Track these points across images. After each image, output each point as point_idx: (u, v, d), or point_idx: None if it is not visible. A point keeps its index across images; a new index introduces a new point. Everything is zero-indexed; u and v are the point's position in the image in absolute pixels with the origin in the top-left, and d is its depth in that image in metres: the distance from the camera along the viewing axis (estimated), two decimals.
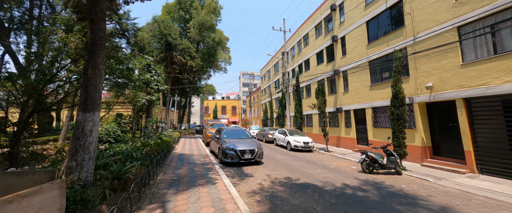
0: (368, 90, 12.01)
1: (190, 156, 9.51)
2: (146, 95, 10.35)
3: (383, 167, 7.54)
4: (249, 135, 9.94)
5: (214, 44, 25.74)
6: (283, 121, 21.13)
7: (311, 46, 18.93)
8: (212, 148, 10.72)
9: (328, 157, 11.10)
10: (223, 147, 8.02)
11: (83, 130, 4.10)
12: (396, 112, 8.34)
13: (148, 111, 11.60)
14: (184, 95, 30.85)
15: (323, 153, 12.47)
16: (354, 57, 13.27)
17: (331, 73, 15.61)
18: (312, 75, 18.43)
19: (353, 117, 13.30)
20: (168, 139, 10.07)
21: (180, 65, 19.66)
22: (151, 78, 10.95)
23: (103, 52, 4.50)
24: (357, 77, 12.91)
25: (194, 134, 26.45)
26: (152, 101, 10.63)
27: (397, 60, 8.64)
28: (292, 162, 9.15)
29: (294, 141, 12.99)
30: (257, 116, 40.89)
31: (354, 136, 13.21)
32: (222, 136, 9.19)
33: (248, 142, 8.63)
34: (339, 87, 14.78)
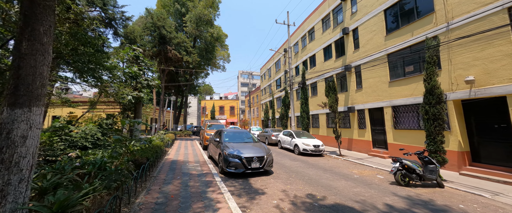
0: (387, 87, 10.66)
1: (184, 163, 7.99)
2: (133, 91, 8.80)
3: (422, 178, 6.15)
4: (253, 137, 8.48)
5: (212, 40, 24.22)
6: (286, 121, 19.73)
7: (318, 40, 17.57)
8: (210, 153, 9.24)
9: (344, 163, 9.69)
10: (225, 154, 6.55)
11: (9, 135, 2.59)
12: (432, 110, 6.98)
13: (137, 110, 10.05)
14: (180, 95, 29.24)
15: (335, 157, 11.07)
16: (369, 51, 11.92)
17: (341, 69, 14.25)
18: (318, 72, 17.06)
19: (367, 116, 11.94)
20: (158, 143, 8.55)
21: (175, 61, 18.13)
22: (140, 72, 9.41)
23: (49, 19, 3.00)
24: (372, 73, 11.56)
25: (190, 135, 24.86)
26: (140, 99, 9.08)
27: (430, 50, 7.28)
28: (306, 170, 7.71)
29: (303, 144, 11.57)
30: (257, 116, 39.45)
31: (369, 138, 11.84)
32: (223, 139, 7.72)
33: (255, 146, 7.17)
34: (350, 84, 13.42)
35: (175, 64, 18.63)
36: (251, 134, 8.75)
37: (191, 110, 64.22)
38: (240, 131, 8.77)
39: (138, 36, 15.46)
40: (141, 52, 10.22)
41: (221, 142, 7.58)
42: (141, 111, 10.50)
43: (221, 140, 7.71)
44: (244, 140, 8.04)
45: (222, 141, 7.66)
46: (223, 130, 8.61)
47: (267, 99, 32.15)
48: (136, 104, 10.34)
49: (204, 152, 11.32)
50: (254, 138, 8.42)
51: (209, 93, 70.88)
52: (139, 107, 10.35)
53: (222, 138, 7.85)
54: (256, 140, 8.23)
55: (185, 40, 18.21)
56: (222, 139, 7.79)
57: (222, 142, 7.58)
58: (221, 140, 7.74)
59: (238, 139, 8.11)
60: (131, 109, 10.26)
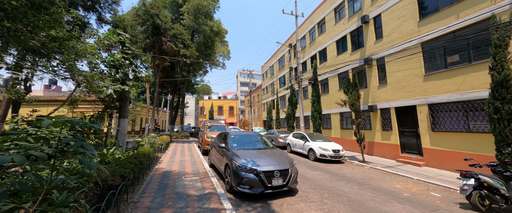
0: (421, 82, 9.01)
1: (179, 176, 6.19)
2: (116, 84, 6.99)
3: (508, 201, 4.47)
4: (268, 142, 6.72)
5: (211, 34, 22.42)
6: (293, 122, 18.02)
7: (329, 33, 15.90)
8: (213, 161, 7.48)
9: (375, 172, 7.99)
10: (236, 166, 4.80)
11: None
12: (506, 108, 5.31)
13: (122, 108, 8.24)
14: (177, 93, 27.35)
15: (359, 164, 9.38)
16: (395, 40, 10.27)
17: (358, 63, 12.60)
18: (330, 67, 15.39)
19: (394, 116, 10.28)
20: (147, 150, 6.74)
21: (172, 56, 16.32)
22: (125, 61, 7.60)
23: None
24: (401, 65, 9.91)
25: (188, 137, 23.02)
26: (125, 94, 7.28)
27: (500, 29, 5.63)
28: (337, 185, 6.00)
29: (320, 149, 9.86)
30: (258, 116, 37.71)
31: (395, 141, 10.18)
32: (230, 145, 5.96)
33: (273, 155, 5.42)
34: (371, 80, 11.76)
35: (171, 58, 16.82)
36: (264, 138, 7.00)
37: (188, 110, 62.25)
38: (250, 134, 7.01)
39: (128, 25, 13.65)
40: (128, 38, 8.41)
41: (228, 149, 5.82)
42: (127, 109, 8.69)
43: (228, 146, 5.96)
44: (256, 146, 6.28)
45: (229, 147, 5.90)
46: (229, 132, 6.84)
47: (269, 99, 30.44)
48: (121, 101, 8.53)
49: (203, 158, 9.53)
50: (268, 143, 6.67)
51: (207, 93, 68.92)
52: (125, 104, 8.53)
53: (228, 143, 6.09)
54: (272, 145, 6.48)
55: (182, 32, 16.42)
56: (229, 144, 6.02)
57: (229, 148, 5.82)
58: (227, 146, 5.98)
59: (248, 144, 6.36)
60: (115, 107, 8.44)
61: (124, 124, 8.55)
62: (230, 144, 6.05)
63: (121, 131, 8.43)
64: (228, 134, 6.66)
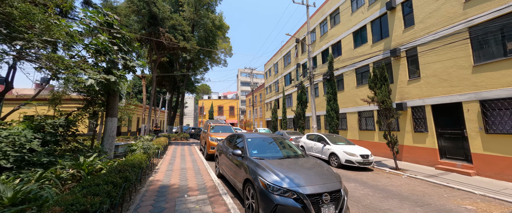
0: (469, 74, 7.55)
1: (181, 195, 4.62)
2: (98, 73, 5.45)
3: None
4: (294, 147, 5.20)
5: (213, 28, 20.92)
6: (303, 122, 16.51)
7: (344, 24, 14.44)
8: (222, 170, 5.96)
9: (420, 184, 6.50)
10: (265, 185, 3.29)
11: None
12: None
13: (110, 105, 6.71)
14: (176, 92, 25.76)
15: (394, 173, 7.89)
16: (432, 26, 8.82)
17: (382, 56, 11.13)
18: (345, 61, 13.92)
19: (430, 115, 8.81)
20: (138, 157, 5.20)
21: (170, 49, 14.79)
22: (112, 46, 6.07)
23: None
24: (440, 55, 8.45)
25: (188, 139, 21.46)
26: (112, 86, 5.73)
27: None
28: (390, 205, 4.51)
29: (345, 154, 8.36)
30: (260, 116, 36.20)
31: (432, 145, 8.71)
32: (248, 153, 4.44)
33: (312, 168, 3.89)
34: (399, 73, 10.30)
35: (169, 52, 15.30)
36: (288, 141, 5.48)
37: (187, 110, 60.64)
38: (270, 137, 5.48)
39: (122, 14, 12.11)
40: (117, 20, 6.87)
41: (246, 157, 4.32)
42: (116, 106, 7.15)
43: (246, 153, 4.44)
44: (282, 153, 4.77)
45: (248, 154, 4.38)
46: (244, 135, 5.31)
47: (273, 98, 28.95)
48: (108, 97, 7.00)
49: (208, 165, 8.00)
50: (295, 148, 5.16)
51: (206, 93, 67.28)
52: (113, 100, 7.00)
53: (246, 149, 4.57)
54: (301, 152, 4.96)
55: (181, 23, 14.89)
56: (247, 151, 4.50)
57: (247, 156, 4.31)
58: (245, 153, 4.47)
59: (272, 150, 4.85)
60: (101, 103, 6.90)
61: (112, 123, 7.02)
62: (249, 151, 4.52)
63: (108, 132, 6.89)
64: (244, 137, 5.13)
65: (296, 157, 4.56)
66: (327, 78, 12.80)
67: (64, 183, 4.18)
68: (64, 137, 6.00)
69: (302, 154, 4.86)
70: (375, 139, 11.64)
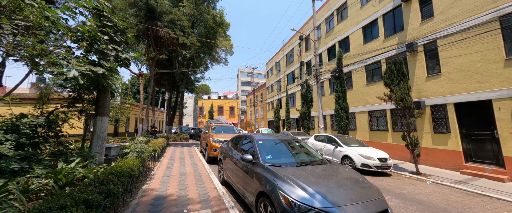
0: (500, 68, 6.80)
1: (180, 210, 3.81)
2: (83, 63, 4.66)
3: None
4: (312, 152, 4.42)
5: (213, 25, 20.14)
6: (308, 122, 15.74)
7: (353, 18, 13.70)
8: (227, 176, 5.19)
9: (450, 191, 5.73)
10: (289, 204, 2.51)
11: None
12: None
13: (100, 102, 5.94)
14: (175, 91, 24.97)
15: (416, 178, 7.12)
16: (455, 17, 8.07)
17: (396, 51, 10.38)
18: (354, 57, 13.18)
19: (453, 114, 8.05)
20: (129, 163, 4.41)
21: (169, 46, 14.03)
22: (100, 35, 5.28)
23: None
24: (465, 49, 7.70)
25: (187, 139, 20.66)
26: (99, 79, 4.95)
27: None
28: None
29: (361, 157, 7.59)
30: (261, 116, 35.43)
31: (456, 147, 7.94)
32: (261, 158, 3.67)
33: (343, 179, 3.11)
34: (416, 69, 9.54)
35: (168, 49, 14.53)
36: (304, 143, 4.70)
37: (186, 110, 59.84)
38: (283, 139, 4.69)
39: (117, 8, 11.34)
40: (108, 6, 6.09)
41: (258, 163, 3.56)
42: (107, 104, 6.37)
43: (258, 159, 3.67)
44: (300, 158, 4.00)
45: (260, 160, 3.62)
46: (254, 136, 4.53)
47: (275, 97, 28.20)
48: (98, 93, 6.22)
49: (210, 170, 7.21)
50: (314, 152, 4.37)
51: (206, 93, 66.47)
52: (103, 97, 6.21)
53: (257, 154, 3.79)
54: (320, 157, 4.18)
55: (180, 18, 14.11)
56: (259, 156, 3.73)
57: (260, 163, 3.55)
58: (256, 159, 3.69)
59: (287, 155, 4.08)
60: (90, 100, 6.12)
61: (102, 123, 6.22)
62: (261, 156, 3.74)
63: (98, 133, 6.09)
64: (254, 139, 4.35)
65: (318, 163, 3.78)
66: (335, 76, 12.04)
67: (36, 196, 3.41)
68: (45, 138, 5.21)
69: (324, 159, 4.09)
70: (387, 140, 10.88)
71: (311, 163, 3.74)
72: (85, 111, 6.18)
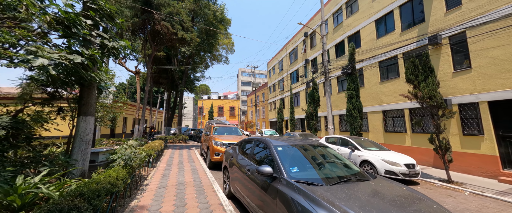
0: None
1: None
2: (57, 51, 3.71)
3: None
4: (345, 160, 3.47)
5: (214, 21, 19.22)
6: (315, 122, 14.81)
7: (364, 11, 12.79)
8: (235, 189, 4.26)
9: (507, 207, 4.79)
10: None
11: None
12: None
13: (83, 100, 5.01)
14: (174, 90, 24.03)
15: (449, 187, 6.19)
16: (487, 5, 7.16)
17: (416, 45, 9.47)
18: (366, 52, 12.27)
19: (488, 114, 7.13)
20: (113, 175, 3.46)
21: (167, 41, 13.11)
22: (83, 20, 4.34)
23: None
24: (502, 39, 6.79)
25: (186, 141, 19.70)
26: (78, 70, 4.00)
27: None
28: None
29: (385, 163, 6.65)
30: (263, 117, 34.49)
31: (492, 151, 7.02)
32: (285, 172, 2.74)
33: (410, 204, 2.17)
34: (440, 64, 8.62)
35: (166, 45, 13.62)
36: (331, 150, 3.75)
37: (186, 111, 58.88)
38: (308, 143, 3.74)
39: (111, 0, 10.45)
40: None
41: (282, 178, 2.64)
42: (93, 102, 5.43)
43: (281, 172, 2.74)
44: (335, 172, 3.04)
45: (285, 174, 2.68)
46: (270, 141, 3.57)
47: (277, 97, 27.29)
48: (82, 89, 5.30)
49: (213, 178, 6.26)
50: (347, 161, 3.42)
51: (206, 93, 65.49)
52: (88, 93, 5.29)
53: (280, 166, 2.85)
54: (357, 169, 3.22)
55: (179, 11, 13.19)
56: (282, 168, 2.79)
57: (284, 177, 2.63)
58: (279, 172, 2.76)
59: (319, 167, 3.12)
60: (63, 96, 5.17)
61: (86, 124, 5.29)
62: (284, 169, 2.79)
63: (80, 136, 5.15)
64: (270, 145, 3.42)
65: (360, 177, 2.83)
66: (347, 72, 11.10)
67: None
68: (12, 143, 4.26)
69: (363, 171, 3.15)
70: (405, 142, 9.96)
71: (351, 177, 2.80)
72: (63, 109, 5.22)
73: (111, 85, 9.17)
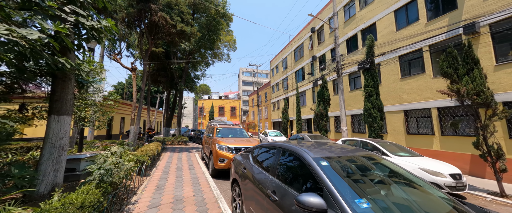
0: None
1: None
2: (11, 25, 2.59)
3: None
4: (421, 180, 2.35)
5: (216, 16, 18.14)
6: (326, 123, 13.68)
7: (380, 2, 11.69)
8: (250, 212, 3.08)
9: None
10: None
11: None
12: None
13: (56, 94, 3.90)
14: (173, 89, 22.93)
15: (508, 203, 5.06)
16: None
17: (446, 36, 8.35)
18: (384, 46, 11.15)
19: None
20: (78, 201, 2.36)
21: (165, 35, 12.03)
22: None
23: None
24: None
25: (186, 143, 18.60)
26: (38, 53, 2.85)
27: None
28: None
29: (425, 173, 5.53)
30: (265, 117, 33.36)
31: None
32: (347, 210, 1.56)
33: None
34: (480, 56, 7.49)
35: (164, 39, 12.54)
36: (396, 166, 2.64)
37: (186, 111, 57.79)
38: (360, 154, 2.63)
39: None
40: None
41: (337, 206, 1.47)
42: (69, 97, 4.35)
43: (342, 210, 1.58)
44: (416, 204, 1.91)
45: (345, 209, 1.52)
46: (306, 153, 2.45)
47: (281, 97, 26.17)
48: (54, 81, 4.23)
49: (217, 189, 5.14)
50: (439, 193, 2.29)
51: (206, 93, 64.37)
52: (62, 87, 4.22)
53: (340, 202, 1.71)
54: (445, 195, 2.12)
55: (179, 1, 12.12)
56: (345, 207, 1.63)
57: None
58: (340, 208, 1.60)
59: (389, 197, 1.98)
60: (22, 89, 4.06)
61: (60, 126, 4.22)
62: (345, 202, 1.67)
63: (51, 140, 4.08)
64: (306, 157, 2.30)
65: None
66: (365, 68, 9.97)
67: None
68: None
69: (455, 200, 2.02)
70: (433, 146, 8.83)
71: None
72: (26, 107, 4.10)
73: (100, 80, 8.07)
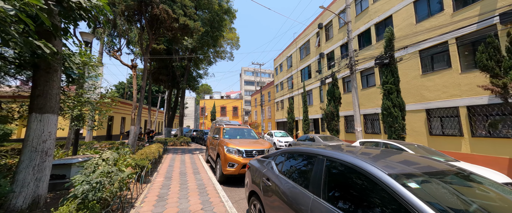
0: None
1: None
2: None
3: None
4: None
5: (219, 12, 17.42)
6: (337, 123, 12.90)
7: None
8: None
9: None
10: None
11: None
12: None
13: (38, 89, 3.17)
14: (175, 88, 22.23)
15: None
16: None
17: (477, 27, 7.56)
18: (402, 39, 10.36)
19: None
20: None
21: (167, 29, 11.33)
22: None
23: None
24: None
25: (189, 143, 17.87)
26: (5, 28, 2.07)
27: None
28: None
29: None
30: (268, 117, 32.59)
31: None
32: None
33: None
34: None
35: (166, 34, 11.84)
36: (489, 180, 1.88)
37: (187, 111, 57.11)
38: (454, 170, 1.88)
39: None
40: None
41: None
42: (54, 92, 3.62)
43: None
44: None
45: None
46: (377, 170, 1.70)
47: (285, 96, 25.39)
48: (35, 72, 3.52)
49: (229, 201, 4.39)
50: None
51: (207, 93, 63.68)
52: (45, 80, 3.54)
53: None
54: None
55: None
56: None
57: None
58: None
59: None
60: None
61: (42, 126, 3.52)
62: None
63: (32, 143, 3.39)
64: (375, 173, 1.55)
65: None
66: (383, 63, 9.19)
67: None
68: None
69: None
70: (462, 149, 8.04)
71: None
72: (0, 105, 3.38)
73: (96, 76, 7.35)
